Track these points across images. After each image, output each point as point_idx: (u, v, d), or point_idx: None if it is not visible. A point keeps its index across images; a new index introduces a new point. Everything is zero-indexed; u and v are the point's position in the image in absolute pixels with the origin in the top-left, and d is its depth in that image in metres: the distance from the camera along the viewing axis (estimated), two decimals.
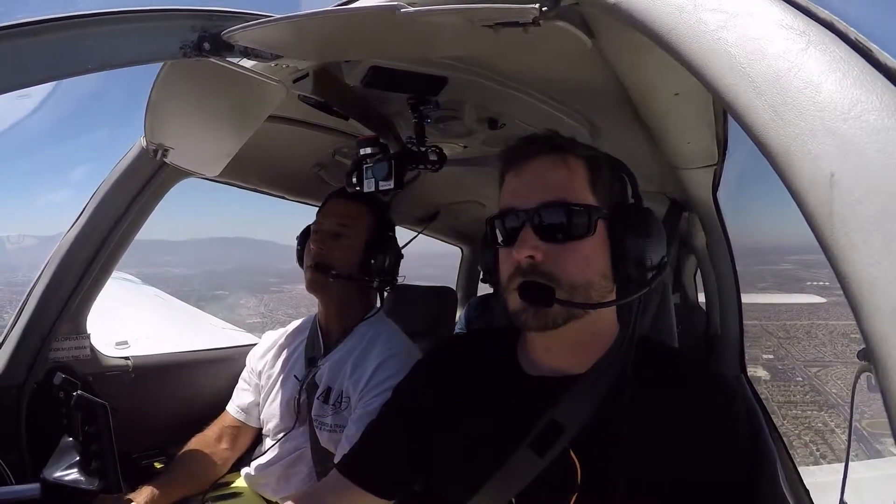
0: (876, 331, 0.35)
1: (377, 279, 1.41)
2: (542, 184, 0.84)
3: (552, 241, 0.81)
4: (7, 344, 1.28)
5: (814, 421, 18.68)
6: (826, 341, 23.55)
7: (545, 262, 0.80)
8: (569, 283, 0.80)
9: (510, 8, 0.62)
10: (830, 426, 18.45)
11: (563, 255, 0.81)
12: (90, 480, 0.96)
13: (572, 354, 0.88)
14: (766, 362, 20.51)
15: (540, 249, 0.80)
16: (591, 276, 0.82)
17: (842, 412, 18.34)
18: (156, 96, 0.95)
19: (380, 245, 1.42)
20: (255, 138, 1.09)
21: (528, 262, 0.81)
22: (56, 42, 0.69)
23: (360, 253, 1.40)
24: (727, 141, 1.16)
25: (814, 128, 0.39)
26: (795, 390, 20.63)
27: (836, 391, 20.19)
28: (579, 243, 0.81)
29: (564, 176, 0.84)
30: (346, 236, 1.40)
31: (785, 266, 26.58)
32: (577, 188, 0.83)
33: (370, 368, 1.32)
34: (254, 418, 1.52)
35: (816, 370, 22.13)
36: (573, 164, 0.84)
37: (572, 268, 0.81)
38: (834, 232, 0.37)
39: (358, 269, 1.39)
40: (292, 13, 0.74)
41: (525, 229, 0.81)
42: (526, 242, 0.81)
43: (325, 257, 1.38)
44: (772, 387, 19.63)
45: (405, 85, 1.08)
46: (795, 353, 23.51)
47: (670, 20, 0.48)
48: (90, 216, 1.29)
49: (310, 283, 1.40)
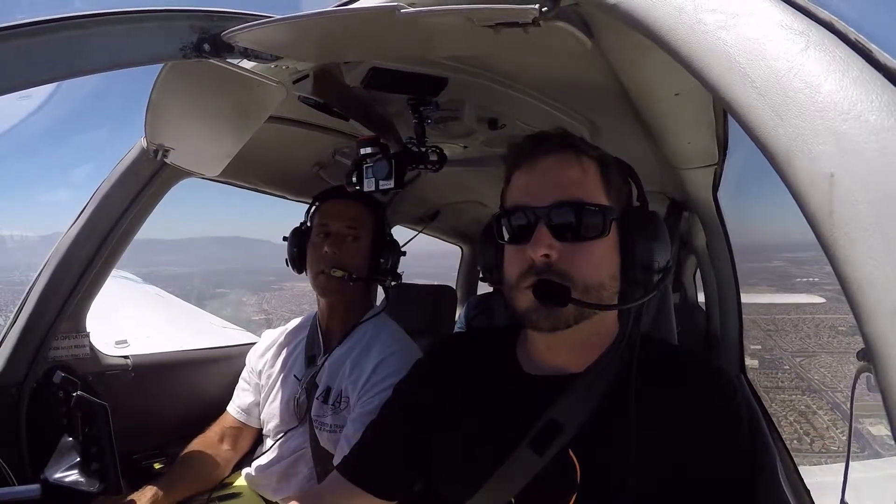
0: (876, 331, 0.35)
1: (388, 278, 1.44)
2: (556, 181, 0.83)
3: (566, 240, 0.80)
4: (6, 342, 1.28)
5: (798, 404, 19.96)
6: (812, 333, 24.60)
7: (560, 262, 0.80)
8: (583, 283, 0.80)
9: (510, 8, 0.62)
10: (813, 408, 19.62)
11: (578, 254, 0.80)
12: (90, 482, 0.95)
13: (574, 353, 0.88)
14: (754, 352, 21.27)
15: (555, 248, 0.79)
16: (603, 278, 0.82)
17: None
18: (156, 97, 0.95)
19: (386, 244, 1.45)
20: (255, 138, 1.09)
21: (543, 261, 0.80)
22: (56, 43, 0.69)
23: (372, 253, 1.42)
24: (727, 141, 1.16)
25: (814, 128, 0.39)
26: (782, 377, 21.96)
27: (819, 378, 21.46)
28: (593, 244, 0.81)
29: (579, 174, 0.83)
30: (357, 238, 1.41)
31: (777, 263, 27.04)
32: (591, 188, 0.83)
33: (369, 367, 1.32)
34: (254, 418, 1.52)
35: (801, 360, 23.26)
36: (586, 164, 0.84)
37: (586, 268, 0.80)
38: (834, 232, 0.37)
39: (367, 270, 1.41)
40: (292, 14, 0.74)
41: (539, 227, 0.80)
42: (542, 241, 0.80)
43: (341, 260, 1.37)
44: (760, 374, 20.63)
45: (405, 86, 1.08)
46: (783, 344, 24.51)
47: (670, 20, 0.48)
48: (90, 215, 1.29)
49: (325, 288, 1.39)
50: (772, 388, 20.94)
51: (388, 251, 1.45)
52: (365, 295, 1.50)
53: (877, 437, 11.39)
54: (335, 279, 1.36)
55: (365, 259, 1.41)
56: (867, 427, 12.37)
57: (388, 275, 1.45)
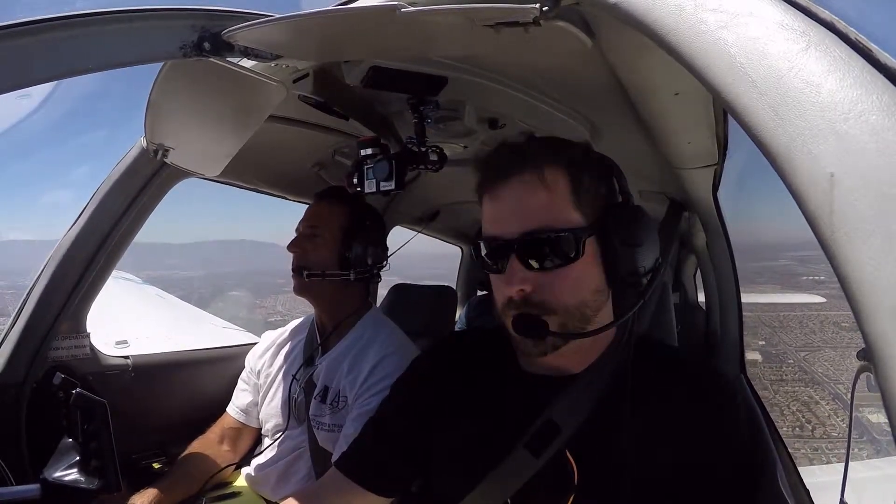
0: (876, 331, 0.35)
1: (353, 272, 1.40)
2: (520, 210, 0.79)
3: (540, 269, 0.78)
4: (7, 343, 1.28)
5: (800, 395, 20.40)
6: (816, 329, 25.03)
7: (536, 293, 0.78)
8: (563, 308, 0.79)
9: (510, 8, 0.62)
10: (815, 398, 20.08)
11: (554, 281, 0.78)
12: (90, 480, 0.95)
13: (573, 355, 0.87)
14: (760, 348, 21.67)
15: (528, 281, 0.78)
16: (583, 296, 0.80)
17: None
18: (156, 96, 0.95)
19: (354, 236, 1.41)
20: (255, 138, 1.09)
21: (519, 296, 0.79)
22: (56, 42, 0.69)
23: (337, 249, 1.40)
24: (727, 141, 1.16)
25: (814, 128, 0.39)
26: (786, 370, 22.43)
27: (822, 371, 21.99)
28: (568, 268, 0.78)
29: (544, 198, 0.78)
30: (319, 235, 1.41)
31: (783, 262, 27.32)
32: (559, 209, 0.79)
33: (367, 368, 1.32)
34: (254, 419, 1.52)
35: (805, 354, 23.71)
36: (551, 180, 0.78)
37: (565, 294, 0.79)
38: (834, 232, 0.37)
39: (336, 266, 1.40)
40: (292, 13, 0.74)
41: (511, 260, 0.79)
42: (514, 275, 0.78)
43: (301, 259, 1.40)
44: (765, 368, 20.97)
45: (405, 85, 1.08)
46: (788, 339, 24.94)
47: (671, 20, 0.48)
48: (90, 216, 1.29)
49: (294, 287, 1.42)
50: (776, 381, 21.40)
51: (358, 243, 1.41)
52: (352, 292, 1.44)
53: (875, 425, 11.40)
54: (300, 279, 1.40)
55: (330, 255, 1.40)
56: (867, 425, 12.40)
57: (354, 267, 1.40)
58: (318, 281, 1.39)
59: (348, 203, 1.45)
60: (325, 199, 1.46)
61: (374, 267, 1.45)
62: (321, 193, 1.47)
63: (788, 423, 17.55)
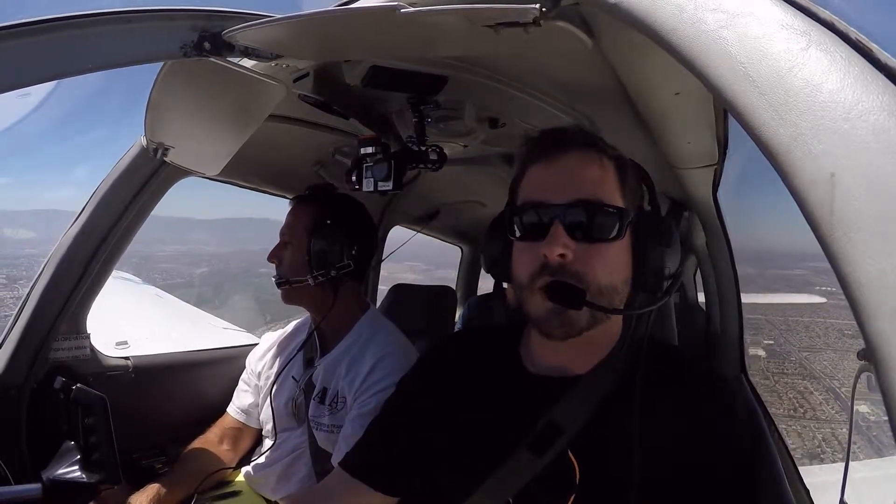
0: (876, 331, 0.35)
1: (310, 276, 1.34)
2: (575, 179, 0.80)
3: (581, 240, 0.78)
4: (7, 343, 1.28)
5: (798, 386, 21.28)
6: (821, 333, 25.80)
7: (575, 262, 0.77)
8: (597, 285, 0.78)
9: (510, 8, 0.62)
10: (810, 389, 20.94)
11: (593, 256, 0.78)
12: (90, 475, 0.96)
13: (579, 355, 0.87)
14: (766, 346, 22.30)
15: (571, 248, 0.77)
16: (616, 281, 0.80)
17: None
18: (156, 95, 0.95)
19: (318, 237, 1.35)
20: (255, 137, 1.09)
21: (558, 261, 0.78)
22: (56, 42, 0.69)
23: (303, 253, 1.36)
24: (727, 141, 1.16)
25: (814, 127, 0.39)
26: (787, 365, 23.29)
27: (821, 368, 22.90)
28: (608, 246, 0.79)
29: (598, 174, 0.81)
30: (290, 242, 1.39)
31: (797, 272, 27.86)
32: (610, 189, 0.81)
33: (365, 369, 1.32)
34: (254, 419, 1.52)
35: (807, 354, 24.53)
36: (606, 164, 0.82)
37: (601, 270, 0.78)
38: (834, 232, 0.37)
39: (307, 269, 1.36)
40: (292, 13, 0.74)
41: (555, 226, 0.78)
42: (558, 239, 0.77)
43: (278, 269, 1.40)
44: (768, 363, 21.69)
45: (405, 84, 1.08)
46: (793, 341, 25.75)
47: (671, 20, 0.48)
48: (90, 215, 1.29)
49: (281, 297, 1.42)
50: (776, 373, 22.16)
51: (323, 242, 1.34)
52: (326, 294, 1.37)
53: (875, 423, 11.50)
54: (279, 287, 1.40)
55: (301, 259, 1.36)
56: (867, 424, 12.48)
57: (320, 268, 1.33)
58: (293, 288, 1.38)
59: (312, 202, 1.42)
60: (294, 202, 1.44)
61: (343, 266, 1.35)
62: (297, 197, 1.44)
63: (784, 408, 18.51)
